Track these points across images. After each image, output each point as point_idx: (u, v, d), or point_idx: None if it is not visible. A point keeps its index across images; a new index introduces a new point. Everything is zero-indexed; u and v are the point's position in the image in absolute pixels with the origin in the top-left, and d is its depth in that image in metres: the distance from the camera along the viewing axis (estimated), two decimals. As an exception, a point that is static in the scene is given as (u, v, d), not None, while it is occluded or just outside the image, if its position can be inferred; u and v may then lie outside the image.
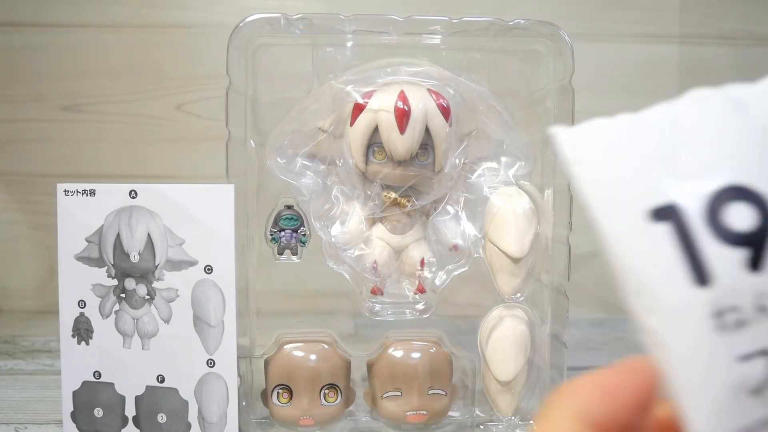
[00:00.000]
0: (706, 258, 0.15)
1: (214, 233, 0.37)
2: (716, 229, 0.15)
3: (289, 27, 0.39)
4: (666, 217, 0.15)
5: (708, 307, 0.15)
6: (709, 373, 0.15)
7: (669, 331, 0.15)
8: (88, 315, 0.38)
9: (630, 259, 0.16)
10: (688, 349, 0.15)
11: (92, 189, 0.37)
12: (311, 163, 0.40)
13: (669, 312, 0.15)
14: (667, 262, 0.15)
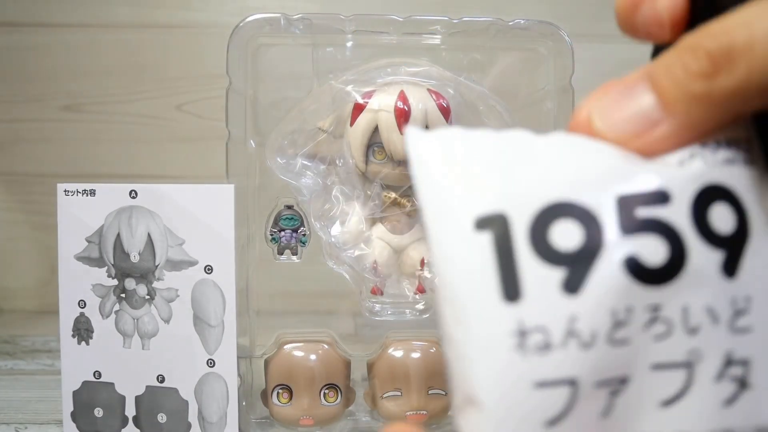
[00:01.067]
0: (521, 273, 0.14)
1: (214, 233, 0.37)
2: (538, 245, 0.14)
3: (289, 27, 0.39)
4: (490, 227, 0.14)
5: (513, 325, 0.14)
6: (504, 396, 0.14)
7: (471, 344, 0.14)
8: (88, 315, 0.38)
9: (448, 264, 0.15)
10: (487, 366, 0.14)
11: (92, 189, 0.37)
12: (311, 163, 0.40)
13: (474, 324, 0.14)
14: (481, 272, 0.14)
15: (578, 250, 0.14)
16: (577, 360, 0.14)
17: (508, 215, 0.15)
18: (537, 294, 0.14)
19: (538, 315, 0.14)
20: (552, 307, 0.14)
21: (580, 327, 0.14)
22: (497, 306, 0.14)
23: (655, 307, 0.14)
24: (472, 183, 0.15)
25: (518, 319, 0.14)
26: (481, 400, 0.14)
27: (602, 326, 0.14)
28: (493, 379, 0.14)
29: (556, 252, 0.14)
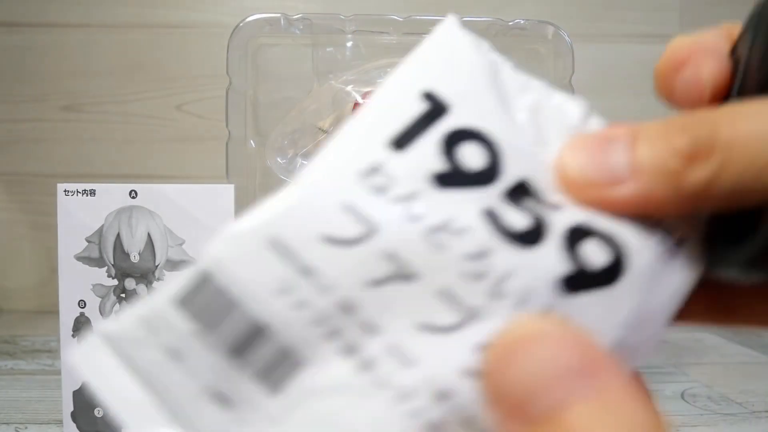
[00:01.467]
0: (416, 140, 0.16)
1: (215, 233, 0.37)
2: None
3: (289, 27, 0.39)
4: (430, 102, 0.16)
5: (373, 163, 0.15)
6: (326, 181, 0.15)
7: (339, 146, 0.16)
8: (88, 315, 0.38)
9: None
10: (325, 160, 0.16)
11: (92, 189, 0.37)
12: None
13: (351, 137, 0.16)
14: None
15: (470, 169, 0.15)
16: (391, 219, 0.14)
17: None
18: (415, 159, 0.15)
19: (400, 169, 0.15)
20: (415, 176, 0.15)
21: (419, 203, 0.14)
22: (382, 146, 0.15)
23: (483, 252, 0.14)
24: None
25: (385, 157, 0.15)
26: (310, 177, 0.15)
27: (433, 219, 0.14)
28: (328, 170, 0.15)
29: (455, 156, 0.15)
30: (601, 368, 0.11)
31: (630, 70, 0.65)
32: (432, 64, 0.16)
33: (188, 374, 0.14)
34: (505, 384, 0.12)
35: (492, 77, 0.16)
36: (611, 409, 0.11)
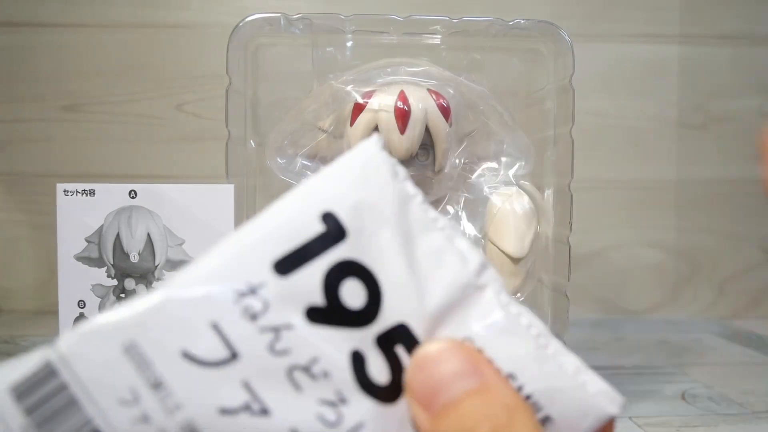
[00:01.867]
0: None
1: (214, 233, 0.37)
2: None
3: (288, 27, 0.39)
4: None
5: (243, 287, 0.15)
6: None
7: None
8: (87, 315, 0.38)
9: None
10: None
11: (92, 189, 0.37)
12: (311, 163, 0.40)
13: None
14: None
15: (348, 308, 0.15)
16: (255, 348, 0.14)
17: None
18: (293, 288, 0.15)
19: (276, 296, 0.15)
20: (288, 307, 0.15)
21: (285, 338, 0.14)
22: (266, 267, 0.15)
23: (341, 400, 0.14)
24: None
25: (263, 280, 0.15)
26: (182, 284, 0.15)
27: (297, 357, 0.14)
28: (205, 283, 0.15)
29: (335, 293, 0.15)
30: (483, 369, 0.15)
31: (630, 70, 0.65)
32: (341, 183, 0.16)
33: None
34: (417, 387, 0.15)
35: (400, 209, 0.16)
36: (492, 397, 0.14)
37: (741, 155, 0.63)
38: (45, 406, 0.13)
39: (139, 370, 0.13)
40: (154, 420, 0.13)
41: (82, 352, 0.14)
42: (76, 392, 0.13)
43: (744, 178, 0.63)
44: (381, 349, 0.15)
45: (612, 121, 0.63)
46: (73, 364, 0.13)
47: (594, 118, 0.64)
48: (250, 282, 0.14)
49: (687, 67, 0.65)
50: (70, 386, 0.13)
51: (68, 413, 0.13)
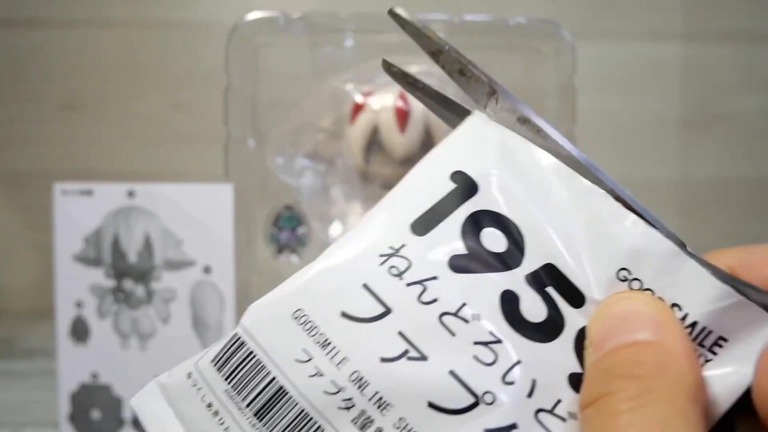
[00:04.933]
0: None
1: (213, 233, 0.36)
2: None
3: (288, 26, 0.39)
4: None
5: (394, 245, 0.16)
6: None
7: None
8: (85, 316, 0.37)
9: None
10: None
11: (90, 189, 0.37)
12: (311, 163, 0.40)
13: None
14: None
15: (491, 252, 0.16)
16: (405, 302, 0.15)
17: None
18: (432, 244, 0.16)
19: (416, 254, 0.16)
20: (430, 261, 0.16)
21: (431, 288, 0.15)
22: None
23: (497, 340, 0.15)
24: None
25: (403, 243, 0.16)
26: (334, 254, 0.16)
27: (445, 305, 0.15)
28: (352, 250, 0.16)
29: (476, 240, 0.16)
30: (667, 324, 0.14)
31: (632, 69, 0.65)
32: (464, 147, 0.17)
33: (223, 430, 0.15)
34: (595, 329, 0.15)
35: (523, 163, 0.16)
36: (663, 353, 0.14)
37: (743, 154, 0.63)
38: (238, 373, 0.15)
39: (309, 331, 0.15)
40: (326, 374, 0.15)
41: (260, 322, 0.16)
42: (261, 357, 0.15)
43: (746, 177, 0.63)
44: (534, 289, 0.15)
45: (614, 120, 0.63)
46: (255, 334, 0.16)
47: (595, 117, 0.63)
48: (392, 245, 0.16)
49: (689, 65, 0.65)
50: (255, 352, 0.15)
51: (257, 376, 0.15)
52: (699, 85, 0.64)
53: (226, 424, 0.15)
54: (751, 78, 0.64)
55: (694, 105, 0.64)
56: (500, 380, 0.14)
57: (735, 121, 0.65)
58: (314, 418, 0.15)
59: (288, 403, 0.15)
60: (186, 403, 0.16)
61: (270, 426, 0.15)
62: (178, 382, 0.16)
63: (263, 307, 0.16)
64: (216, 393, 0.15)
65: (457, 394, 0.14)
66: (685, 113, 0.65)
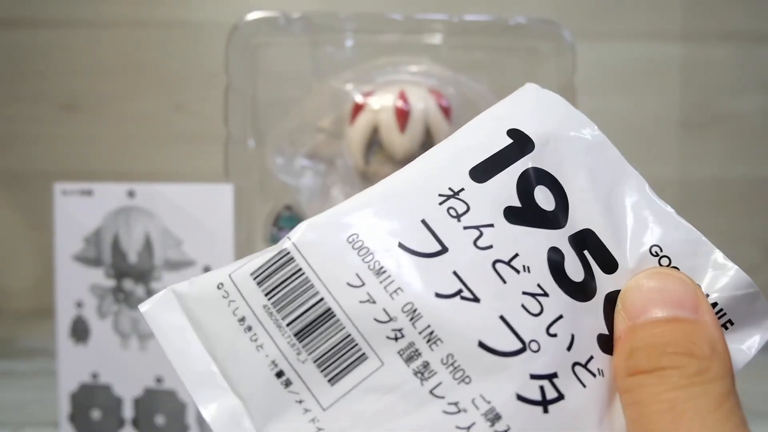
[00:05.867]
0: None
1: (213, 233, 0.36)
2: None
3: (288, 26, 0.39)
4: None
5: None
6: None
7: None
8: (85, 316, 0.37)
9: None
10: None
11: (90, 189, 0.37)
12: (311, 163, 0.40)
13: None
14: None
15: (542, 209, 0.16)
16: (461, 244, 0.15)
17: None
18: (490, 193, 0.16)
19: (475, 199, 0.16)
20: (488, 208, 0.16)
21: (487, 234, 0.16)
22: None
23: (544, 293, 0.15)
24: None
25: (462, 187, 0.16)
26: (395, 184, 0.16)
27: (500, 252, 0.15)
28: (413, 184, 0.16)
29: (529, 195, 0.16)
30: (702, 306, 0.15)
31: (632, 69, 0.65)
32: (523, 107, 0.17)
33: (256, 347, 0.15)
34: (629, 300, 0.15)
35: (574, 131, 0.17)
36: (700, 330, 0.15)
37: (744, 155, 0.63)
38: (282, 289, 0.15)
39: (363, 257, 0.15)
40: (378, 301, 0.15)
41: (313, 241, 0.15)
42: (309, 276, 0.15)
43: (747, 177, 0.63)
44: (574, 250, 0.16)
45: (614, 120, 0.63)
46: (305, 252, 0.15)
47: (596, 117, 0.63)
48: (452, 186, 0.16)
49: (690, 65, 0.65)
50: (303, 271, 0.15)
51: (303, 295, 0.15)
52: (699, 85, 0.64)
53: (260, 341, 0.15)
54: (752, 78, 0.64)
55: (694, 105, 0.64)
56: (545, 331, 0.15)
57: (735, 121, 0.65)
58: (359, 345, 0.15)
59: (334, 326, 0.15)
60: (212, 315, 0.15)
61: (310, 348, 0.15)
62: (205, 292, 0.15)
63: (317, 226, 0.15)
64: (252, 308, 0.15)
65: (506, 338, 0.15)
66: (685, 113, 0.65)
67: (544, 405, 0.15)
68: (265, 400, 0.15)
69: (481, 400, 0.14)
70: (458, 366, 0.14)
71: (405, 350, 0.15)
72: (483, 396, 0.14)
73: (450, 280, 0.15)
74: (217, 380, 0.15)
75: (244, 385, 0.15)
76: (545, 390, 0.15)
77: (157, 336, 0.15)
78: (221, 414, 0.15)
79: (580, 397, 0.15)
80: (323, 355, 0.15)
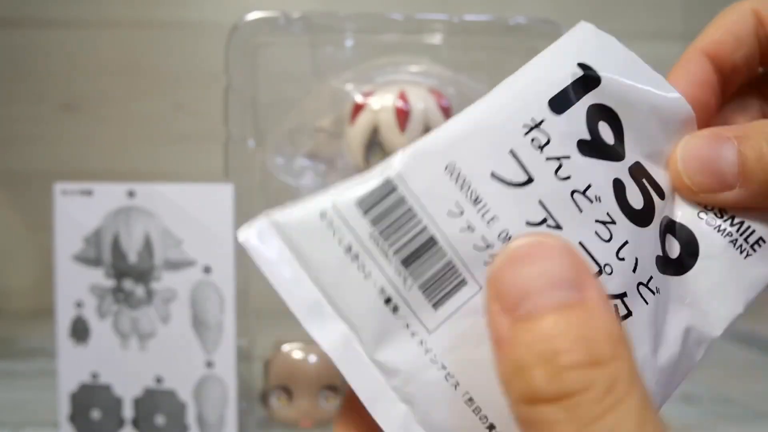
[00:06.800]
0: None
1: (213, 233, 0.36)
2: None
3: (288, 26, 0.39)
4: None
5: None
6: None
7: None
8: (85, 316, 0.37)
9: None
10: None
11: (90, 189, 0.37)
12: (311, 163, 0.40)
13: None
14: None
15: (605, 142, 0.17)
16: (545, 173, 0.16)
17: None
18: (565, 125, 0.17)
19: (555, 130, 0.16)
20: (564, 140, 0.17)
21: (565, 166, 0.16)
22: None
23: (612, 220, 0.16)
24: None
25: (543, 118, 0.17)
26: (482, 113, 0.16)
27: (576, 183, 0.16)
28: (500, 114, 0.16)
29: (595, 129, 0.17)
30: (588, 282, 0.13)
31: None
32: (588, 44, 0.18)
33: (364, 275, 0.15)
34: (500, 284, 0.13)
35: (630, 69, 0.18)
36: (591, 318, 0.12)
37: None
38: (387, 217, 0.15)
39: (461, 186, 0.16)
40: (477, 229, 0.15)
41: (414, 170, 0.16)
42: (412, 204, 0.15)
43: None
44: (634, 180, 0.17)
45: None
46: (408, 181, 0.15)
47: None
48: (534, 118, 0.16)
49: (688, 66, 0.65)
50: (407, 199, 0.15)
51: (407, 223, 0.15)
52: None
53: (368, 269, 0.15)
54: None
55: (694, 105, 0.64)
56: (615, 255, 0.16)
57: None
58: (460, 271, 0.15)
59: (438, 253, 0.15)
60: (316, 244, 0.15)
61: (416, 275, 0.15)
62: (307, 221, 0.15)
63: (416, 155, 0.16)
64: (359, 236, 0.15)
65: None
66: (684, 113, 0.65)
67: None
68: (375, 325, 0.15)
69: None
70: None
71: None
72: None
73: (537, 209, 0.16)
74: (325, 309, 0.15)
75: (353, 313, 0.15)
76: (618, 308, 0.16)
77: (260, 266, 0.15)
78: (333, 340, 0.15)
79: (644, 314, 0.16)
80: (427, 281, 0.15)
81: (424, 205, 0.15)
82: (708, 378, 0.47)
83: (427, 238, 0.15)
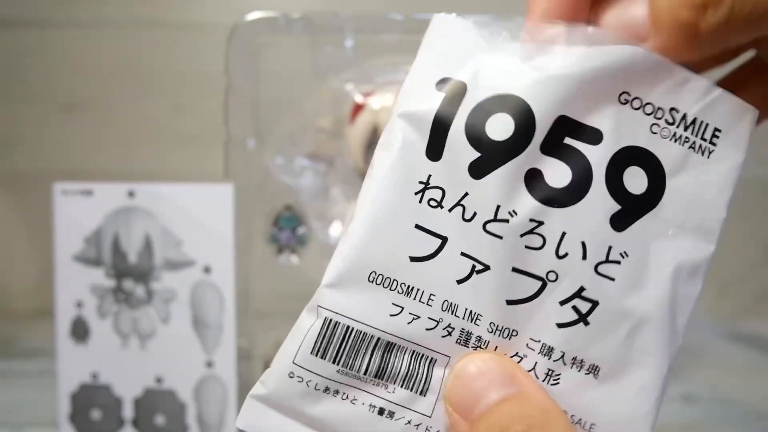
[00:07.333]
0: (447, 141, 0.16)
1: (213, 233, 0.36)
2: (471, 126, 0.16)
3: (288, 26, 0.39)
4: (446, 88, 0.17)
5: (423, 177, 0.16)
6: (391, 218, 0.16)
7: (388, 175, 0.16)
8: (85, 316, 0.37)
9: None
10: (388, 196, 0.16)
11: (90, 189, 0.37)
12: (311, 163, 0.40)
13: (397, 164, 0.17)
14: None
15: (500, 142, 0.16)
16: (454, 226, 0.16)
17: (467, 88, 0.16)
18: (450, 162, 0.16)
19: (443, 178, 0.16)
20: (456, 178, 0.16)
21: (467, 204, 0.16)
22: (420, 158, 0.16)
23: (538, 222, 0.16)
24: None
25: (429, 174, 0.16)
26: (374, 211, 0.16)
27: (484, 214, 0.16)
28: (390, 201, 0.16)
29: (482, 138, 0.16)
30: (520, 378, 0.16)
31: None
32: (438, 48, 0.17)
33: (350, 402, 0.16)
34: (455, 398, 0.16)
35: (491, 45, 0.18)
36: (528, 401, 0.15)
37: (742, 155, 0.63)
38: (344, 350, 0.16)
39: (388, 288, 0.16)
40: (421, 315, 0.16)
41: (343, 300, 0.17)
42: (358, 327, 0.16)
43: (746, 177, 0.63)
44: (552, 155, 0.16)
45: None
46: (342, 312, 0.16)
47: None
48: (420, 180, 0.16)
49: (688, 66, 0.65)
50: (351, 326, 0.16)
51: (362, 344, 0.16)
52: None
53: (351, 396, 0.16)
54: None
55: (694, 105, 0.64)
56: (555, 257, 0.16)
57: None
58: (425, 354, 0.16)
59: (399, 353, 0.16)
60: (300, 400, 0.16)
61: (392, 378, 0.16)
62: (282, 386, 0.17)
63: (337, 287, 0.16)
64: (329, 377, 0.16)
65: (526, 285, 0.16)
66: (684, 113, 0.65)
67: (583, 320, 0.16)
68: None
69: (532, 342, 0.16)
70: (502, 327, 0.16)
71: (460, 338, 0.16)
72: (532, 338, 0.16)
73: (462, 263, 0.16)
74: None
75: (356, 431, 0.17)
76: (578, 307, 0.16)
77: None
78: None
79: (612, 291, 0.16)
80: (404, 377, 0.16)
81: (367, 322, 0.16)
82: (708, 378, 0.47)
83: (385, 345, 0.16)
